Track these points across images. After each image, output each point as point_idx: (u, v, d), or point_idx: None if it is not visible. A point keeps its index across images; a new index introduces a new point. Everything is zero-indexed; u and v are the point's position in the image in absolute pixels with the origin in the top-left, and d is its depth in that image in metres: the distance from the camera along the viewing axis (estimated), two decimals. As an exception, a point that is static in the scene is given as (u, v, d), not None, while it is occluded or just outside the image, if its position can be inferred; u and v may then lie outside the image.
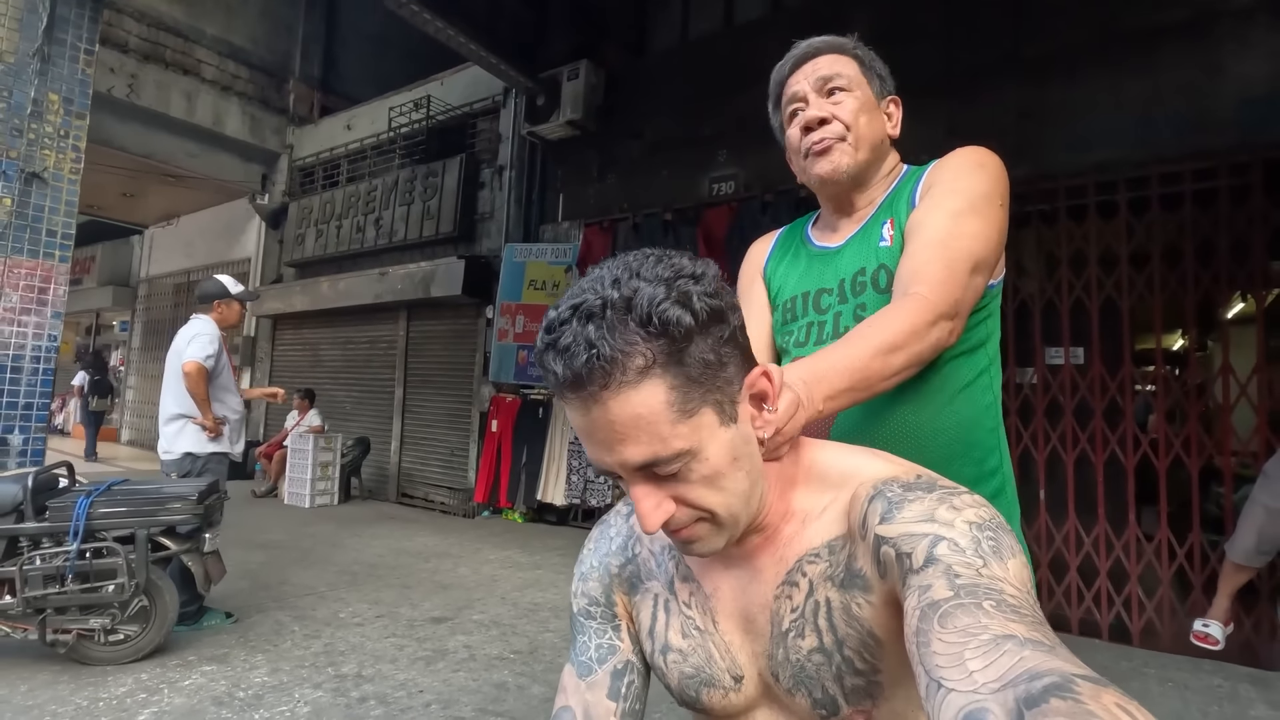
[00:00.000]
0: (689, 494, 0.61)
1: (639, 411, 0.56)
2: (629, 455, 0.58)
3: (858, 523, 0.63)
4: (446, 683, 2.77)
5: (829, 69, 1.06)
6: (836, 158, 1.05)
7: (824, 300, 1.08)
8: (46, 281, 3.67)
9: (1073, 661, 0.42)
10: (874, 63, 1.09)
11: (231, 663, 2.85)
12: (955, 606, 0.49)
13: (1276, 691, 2.98)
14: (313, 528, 5.80)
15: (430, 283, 7.16)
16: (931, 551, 0.55)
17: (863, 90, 1.06)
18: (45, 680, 2.59)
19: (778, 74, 1.12)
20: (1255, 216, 3.73)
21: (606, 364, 0.55)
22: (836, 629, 0.65)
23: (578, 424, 0.61)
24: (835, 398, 0.80)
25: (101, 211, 11.64)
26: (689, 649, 0.74)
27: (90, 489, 2.75)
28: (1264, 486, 3.23)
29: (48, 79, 3.67)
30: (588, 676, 0.77)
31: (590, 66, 6.25)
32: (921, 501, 0.60)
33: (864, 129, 1.05)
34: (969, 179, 0.99)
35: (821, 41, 1.08)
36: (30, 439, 3.61)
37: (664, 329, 0.56)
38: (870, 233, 1.07)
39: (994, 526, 0.57)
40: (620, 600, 0.81)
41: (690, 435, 0.59)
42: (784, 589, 0.69)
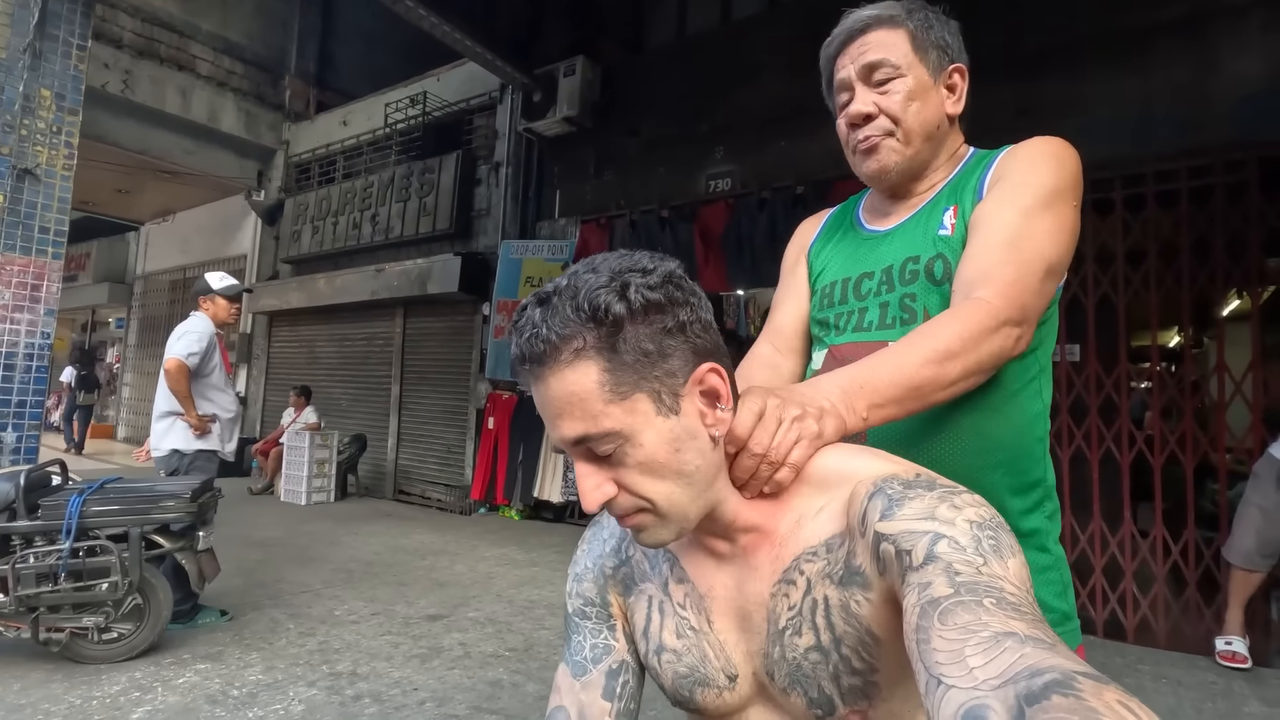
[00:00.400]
0: (627, 479, 0.64)
1: (572, 389, 0.61)
2: (564, 430, 0.63)
3: (857, 519, 0.63)
4: (441, 680, 2.77)
5: (877, 53, 0.95)
6: (884, 156, 0.98)
7: (864, 285, 1.00)
8: (39, 279, 3.65)
9: (1073, 659, 0.41)
10: (931, 31, 0.97)
11: (226, 661, 2.85)
12: (955, 603, 0.49)
13: (1270, 688, 2.99)
14: (309, 525, 5.79)
15: (427, 280, 7.15)
16: (932, 549, 0.55)
17: (915, 71, 0.96)
18: (38, 679, 2.59)
19: (826, 52, 1.03)
20: (1251, 214, 3.73)
21: (545, 344, 0.61)
22: (834, 627, 0.64)
23: (537, 401, 0.65)
24: (882, 407, 0.75)
25: (97, 208, 11.60)
26: (683, 649, 0.74)
27: (83, 487, 2.74)
28: (1255, 487, 3.24)
29: (39, 74, 3.64)
30: (582, 676, 0.77)
31: (587, 63, 6.23)
32: (922, 499, 0.60)
33: (914, 120, 0.96)
34: (1042, 172, 0.90)
35: (870, 15, 0.97)
36: (24, 436, 3.60)
37: (593, 315, 0.61)
38: (928, 218, 0.98)
39: (994, 525, 0.57)
40: (615, 601, 0.81)
41: (622, 418, 0.62)
42: (781, 586, 0.68)
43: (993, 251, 0.85)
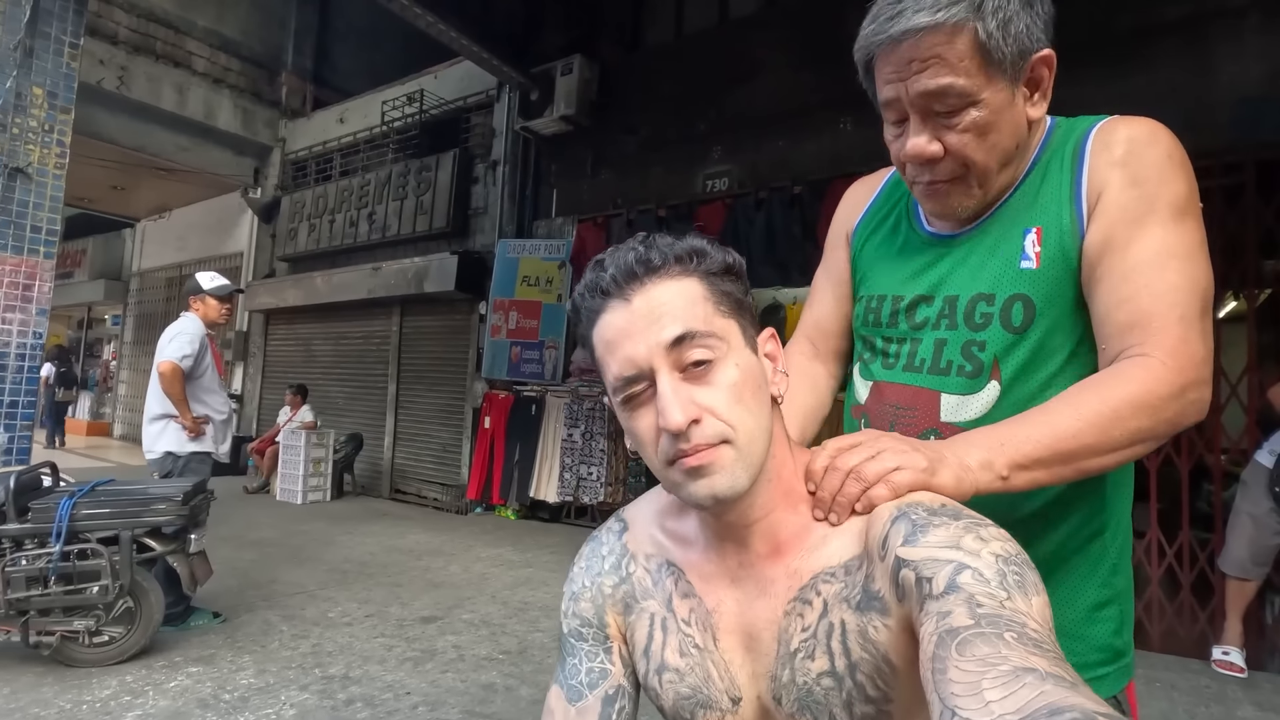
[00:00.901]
0: (716, 400, 0.62)
1: (682, 291, 0.64)
2: (667, 330, 0.62)
3: (877, 543, 0.61)
4: (434, 684, 2.76)
5: (937, 77, 0.73)
6: (953, 201, 0.81)
7: (920, 311, 0.85)
8: (31, 278, 3.63)
9: (1095, 700, 0.40)
10: (1010, 26, 0.72)
11: (218, 664, 2.84)
12: (975, 635, 0.47)
13: (1263, 693, 2.99)
14: (304, 525, 5.78)
15: (424, 278, 7.13)
16: (954, 579, 0.53)
17: (989, 93, 0.74)
18: (29, 682, 2.58)
19: (864, 45, 0.78)
20: (1248, 216, 3.72)
21: (653, 260, 0.64)
22: (850, 652, 0.62)
23: (615, 327, 0.64)
24: (1026, 469, 0.66)
25: (92, 205, 11.55)
26: (686, 668, 0.71)
27: (74, 490, 2.72)
28: (1244, 495, 3.24)
29: (31, 72, 3.61)
30: (578, 702, 0.75)
31: (584, 61, 6.21)
32: (947, 528, 0.58)
33: (991, 156, 0.77)
34: (1164, 180, 0.74)
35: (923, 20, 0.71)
36: (16, 437, 3.58)
37: (695, 253, 0.65)
38: (1006, 235, 0.80)
39: (1019, 561, 0.55)
40: (614, 621, 0.78)
41: (724, 331, 0.64)
42: (795, 605, 0.66)
43: (1145, 296, 0.71)
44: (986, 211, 0.83)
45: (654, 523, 0.78)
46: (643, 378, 0.63)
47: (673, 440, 0.62)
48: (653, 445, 0.64)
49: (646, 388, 0.63)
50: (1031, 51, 0.76)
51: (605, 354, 0.65)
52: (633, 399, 0.64)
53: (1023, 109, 0.78)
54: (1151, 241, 0.72)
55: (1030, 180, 0.81)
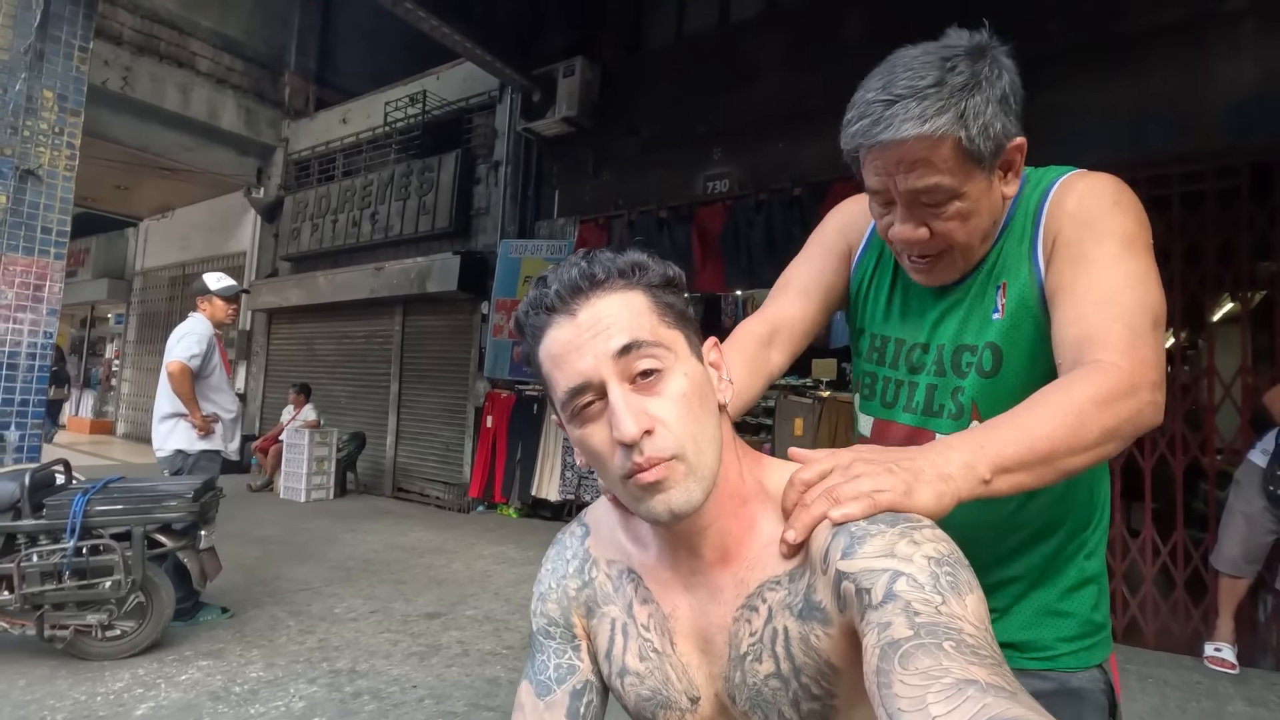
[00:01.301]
0: (666, 411, 0.63)
1: (627, 303, 0.65)
2: (614, 341, 0.63)
3: (819, 555, 0.63)
4: (440, 678, 2.82)
5: (923, 178, 0.79)
6: (940, 274, 0.89)
7: (916, 357, 0.94)
8: (42, 279, 3.68)
9: (1035, 709, 0.42)
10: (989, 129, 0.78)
11: (227, 658, 2.89)
12: (916, 646, 0.49)
13: (1254, 689, 3.05)
14: (308, 522, 5.83)
15: (426, 278, 7.18)
16: (890, 587, 0.55)
17: (971, 183, 0.81)
18: (43, 675, 2.63)
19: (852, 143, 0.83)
20: (1242, 219, 3.77)
21: (596, 274, 0.65)
22: (794, 657, 0.65)
23: (562, 341, 0.64)
24: (1010, 472, 0.66)
25: (96, 204, 11.59)
26: (646, 671, 0.74)
27: (87, 486, 2.78)
28: (1237, 494, 3.29)
29: (42, 76, 3.67)
30: (546, 696, 0.77)
31: (586, 63, 6.25)
32: (883, 536, 0.59)
33: (973, 235, 0.85)
34: (1110, 220, 0.81)
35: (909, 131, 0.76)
36: (27, 435, 3.64)
37: (638, 267, 0.67)
38: (983, 293, 0.89)
39: (953, 561, 0.57)
40: (579, 622, 0.80)
41: (670, 341, 0.65)
42: (743, 612, 0.69)
43: (1092, 312, 0.76)
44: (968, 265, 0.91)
45: (616, 525, 0.81)
46: (590, 389, 0.63)
47: (626, 453, 0.62)
48: (610, 458, 0.64)
49: (595, 401, 0.64)
50: (1007, 142, 0.81)
51: (553, 369, 0.65)
52: (581, 412, 0.65)
53: (999, 190, 0.85)
54: (1100, 269, 0.78)
55: (1006, 238, 0.89)
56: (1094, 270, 0.78)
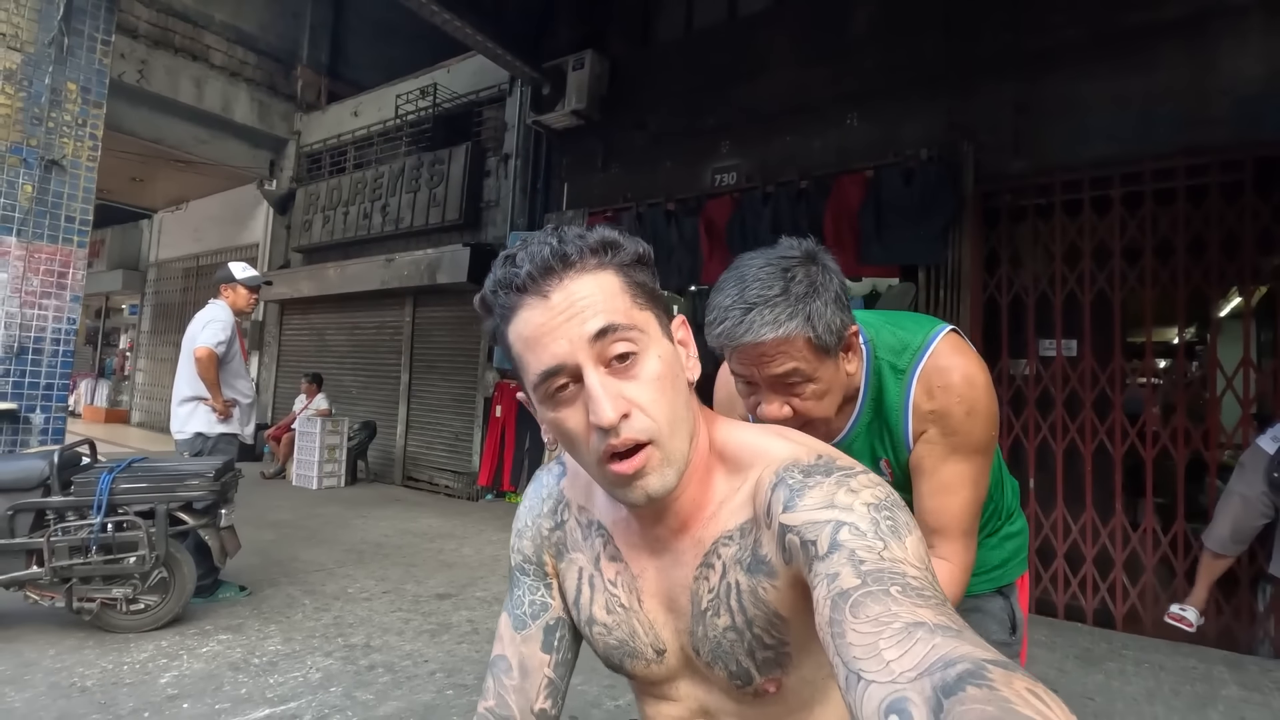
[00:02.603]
0: (641, 394, 0.63)
1: (600, 285, 0.64)
2: (590, 324, 0.62)
3: (763, 510, 0.66)
4: (450, 654, 2.90)
5: (782, 365, 0.95)
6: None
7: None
8: (65, 266, 3.79)
9: (981, 645, 0.44)
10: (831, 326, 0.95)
11: (246, 632, 2.99)
12: (864, 595, 0.51)
13: (1249, 674, 3.10)
14: (320, 508, 5.94)
15: (436, 270, 7.26)
16: (835, 537, 0.57)
17: (823, 370, 0.98)
18: (72, 645, 2.74)
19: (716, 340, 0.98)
20: (1246, 213, 3.79)
21: (569, 253, 0.64)
22: (746, 610, 0.69)
23: (535, 324, 0.63)
24: None
25: (111, 195, 11.74)
26: (613, 624, 0.77)
27: (112, 465, 2.88)
28: (1240, 477, 3.33)
29: (65, 68, 3.76)
30: (522, 630, 0.81)
31: (595, 56, 6.31)
32: (821, 486, 0.62)
33: (829, 409, 1.02)
34: (966, 430, 1.03)
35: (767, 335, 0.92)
36: (51, 418, 3.74)
37: (608, 245, 0.66)
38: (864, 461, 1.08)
39: (890, 505, 0.60)
40: (549, 561, 0.83)
41: (643, 323, 0.66)
42: (702, 570, 0.72)
43: (944, 511, 1.05)
44: (843, 420, 1.11)
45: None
46: (565, 372, 0.63)
47: (603, 435, 0.62)
48: (585, 441, 0.65)
49: (569, 384, 0.64)
50: (845, 333, 0.99)
51: (525, 351, 0.65)
52: (555, 395, 0.65)
53: (844, 368, 1.03)
54: (950, 474, 1.05)
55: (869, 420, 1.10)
56: (948, 471, 1.05)
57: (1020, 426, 4.27)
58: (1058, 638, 3.53)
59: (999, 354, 4.42)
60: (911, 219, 4.65)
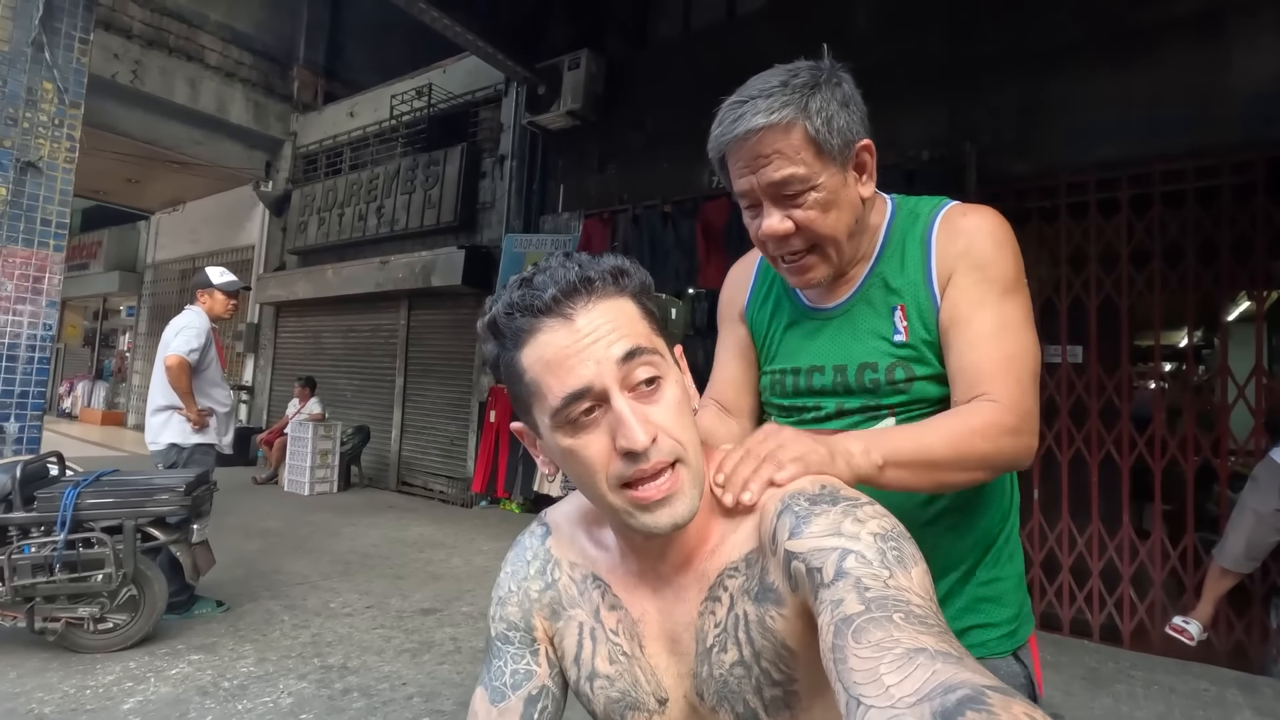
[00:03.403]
0: (666, 419, 0.63)
1: (624, 311, 0.65)
2: (616, 347, 0.62)
3: (768, 538, 0.65)
4: (431, 675, 2.79)
5: (780, 169, 0.86)
6: (813, 273, 0.95)
7: (815, 380, 0.99)
8: (41, 270, 3.69)
9: (981, 672, 0.44)
10: (832, 122, 0.87)
11: (219, 652, 2.89)
12: (867, 621, 0.50)
13: (1263, 698, 2.97)
14: (311, 516, 5.84)
15: (431, 272, 7.17)
16: (840, 565, 0.56)
17: (825, 176, 0.88)
18: (34, 667, 2.63)
19: (715, 144, 0.91)
20: (1258, 216, 3.67)
21: (592, 279, 0.64)
22: (754, 641, 0.66)
23: (558, 346, 0.62)
24: (900, 466, 0.77)
25: (107, 197, 11.70)
26: (615, 674, 0.74)
27: (79, 480, 2.77)
28: (1252, 491, 3.21)
29: (42, 67, 3.66)
30: (500, 703, 0.76)
31: (591, 56, 6.20)
32: (827, 515, 0.61)
33: (836, 229, 0.91)
34: (997, 263, 0.91)
35: (762, 121, 0.85)
36: (26, 426, 3.65)
37: (622, 274, 0.67)
38: (873, 313, 0.97)
39: (896, 536, 0.59)
40: (540, 625, 0.79)
41: (661, 347, 0.67)
42: (707, 605, 0.70)
43: (984, 356, 0.87)
44: (849, 286, 0.99)
45: (577, 528, 0.80)
46: (590, 396, 0.62)
47: (630, 461, 0.61)
48: (603, 469, 0.63)
49: (593, 408, 0.62)
50: (854, 141, 0.90)
51: (544, 374, 0.63)
52: (577, 420, 0.63)
53: (855, 189, 0.93)
54: (990, 317, 0.89)
55: (888, 261, 0.97)
56: (987, 314, 0.89)
57: (1024, 436, 4.14)
58: (1063, 656, 3.41)
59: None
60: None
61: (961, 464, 0.81)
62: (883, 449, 0.76)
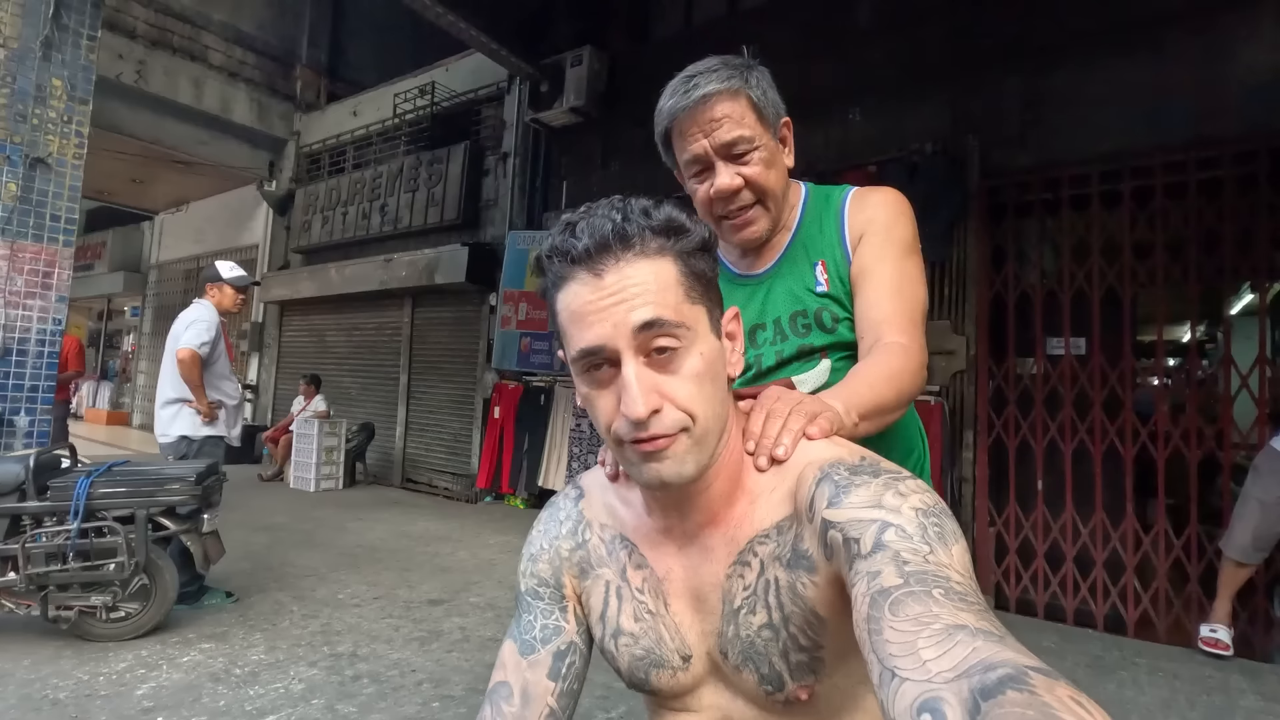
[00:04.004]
0: (678, 389, 0.63)
1: (657, 274, 0.63)
2: (637, 314, 0.62)
3: (805, 505, 0.64)
4: (439, 663, 2.82)
5: (731, 130, 1.01)
6: (757, 226, 1.08)
7: (759, 336, 1.12)
8: (51, 266, 3.71)
9: (1023, 652, 0.43)
10: (767, 95, 1.04)
11: (230, 641, 2.91)
12: (906, 594, 0.49)
13: (1267, 683, 2.98)
14: (317, 511, 5.87)
15: (435, 270, 7.19)
16: (880, 538, 0.56)
17: (764, 139, 1.04)
18: (48, 655, 2.66)
19: (669, 113, 1.04)
20: (1261, 206, 3.68)
21: (630, 235, 0.63)
22: (784, 605, 0.66)
23: (583, 298, 0.63)
24: (866, 418, 0.86)
25: (112, 197, 11.74)
26: (640, 632, 0.75)
27: (91, 470, 2.80)
28: (1255, 481, 3.21)
29: (51, 65, 3.69)
30: (529, 655, 0.78)
31: (594, 52, 6.22)
32: (868, 486, 0.61)
33: (773, 183, 1.06)
34: (901, 227, 1.07)
35: (713, 88, 1.00)
36: (36, 420, 3.68)
37: (674, 228, 0.65)
38: (797, 271, 1.11)
39: (938, 512, 0.58)
40: (570, 583, 0.81)
41: (692, 319, 0.65)
42: (736, 568, 0.70)
43: (887, 301, 1.03)
44: (774, 252, 1.14)
45: (609, 490, 0.82)
46: (604, 354, 0.63)
47: (631, 427, 0.63)
48: (608, 421, 0.65)
49: (606, 366, 0.64)
50: (781, 115, 1.07)
51: (569, 323, 0.65)
52: (591, 372, 0.65)
53: (782, 159, 1.09)
54: (891, 270, 1.04)
55: (807, 230, 1.12)
56: (888, 267, 1.04)
57: (1028, 427, 4.16)
58: (1068, 645, 3.42)
59: (1005, 352, 4.31)
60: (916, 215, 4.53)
61: (900, 404, 0.93)
62: (854, 406, 0.84)
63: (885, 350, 0.97)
